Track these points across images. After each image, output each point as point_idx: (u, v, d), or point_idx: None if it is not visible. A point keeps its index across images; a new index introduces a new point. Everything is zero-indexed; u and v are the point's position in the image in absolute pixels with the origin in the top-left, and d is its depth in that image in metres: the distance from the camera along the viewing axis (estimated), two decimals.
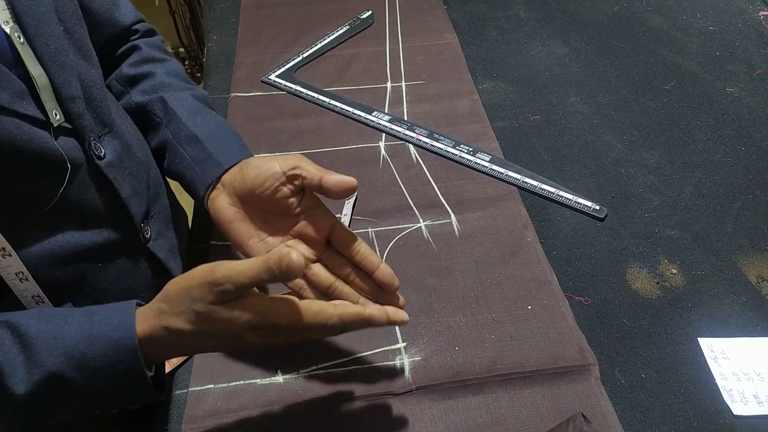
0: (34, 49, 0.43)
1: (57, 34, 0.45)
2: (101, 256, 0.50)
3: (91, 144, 0.48)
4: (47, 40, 0.44)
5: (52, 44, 0.45)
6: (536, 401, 0.52)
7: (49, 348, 0.39)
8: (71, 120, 0.46)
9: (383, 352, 0.56)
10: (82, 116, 0.47)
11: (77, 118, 0.46)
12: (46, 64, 0.44)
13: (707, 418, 0.52)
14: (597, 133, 0.79)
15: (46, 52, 0.44)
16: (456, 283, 0.61)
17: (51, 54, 0.45)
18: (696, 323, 0.59)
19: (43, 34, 0.44)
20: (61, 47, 0.46)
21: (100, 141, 0.49)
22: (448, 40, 0.95)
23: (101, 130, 0.50)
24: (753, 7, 1.01)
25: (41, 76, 0.44)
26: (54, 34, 0.45)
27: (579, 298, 0.61)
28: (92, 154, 0.48)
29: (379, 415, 0.52)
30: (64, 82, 0.45)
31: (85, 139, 0.47)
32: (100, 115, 0.50)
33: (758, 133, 0.79)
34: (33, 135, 0.42)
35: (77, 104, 0.46)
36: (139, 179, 0.54)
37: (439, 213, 0.68)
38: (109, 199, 0.50)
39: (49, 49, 0.44)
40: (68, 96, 0.46)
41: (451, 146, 0.76)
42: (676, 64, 0.90)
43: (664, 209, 0.69)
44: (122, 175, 0.51)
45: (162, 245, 0.57)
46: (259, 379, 0.54)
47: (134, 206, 0.52)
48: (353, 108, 0.82)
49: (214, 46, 0.96)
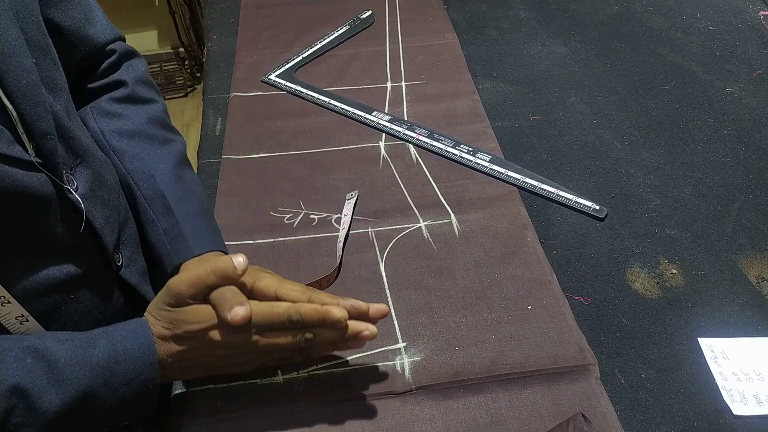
0: (4, 86, 0.42)
1: (28, 68, 0.43)
2: (74, 288, 0.50)
3: (64, 178, 0.47)
4: (18, 75, 0.42)
5: (23, 79, 0.43)
6: (536, 401, 0.52)
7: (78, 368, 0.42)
8: (43, 156, 0.44)
9: (383, 352, 0.56)
10: (55, 152, 0.45)
11: (50, 154, 0.45)
12: (17, 101, 0.42)
13: (707, 418, 0.52)
14: (597, 133, 0.79)
15: (17, 88, 0.42)
16: (456, 283, 0.61)
17: (22, 90, 0.43)
18: (696, 323, 0.59)
19: (14, 68, 0.42)
20: (32, 82, 0.43)
21: (72, 173, 0.48)
22: (448, 40, 0.95)
23: (73, 162, 0.49)
24: (753, 7, 1.01)
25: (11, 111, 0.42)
26: (25, 68, 0.43)
27: (579, 298, 0.61)
28: (65, 188, 0.47)
29: (379, 415, 0.52)
30: (36, 119, 0.44)
31: (57, 174, 0.46)
32: (71, 146, 0.49)
33: (758, 133, 0.79)
34: (4, 172, 0.41)
35: (49, 141, 0.45)
36: (110, 206, 0.53)
37: (439, 213, 0.68)
38: (80, 230, 0.49)
39: (20, 85, 0.42)
40: (40, 132, 0.44)
41: (451, 146, 0.76)
42: (676, 64, 0.90)
43: (664, 209, 0.69)
44: (95, 206, 0.50)
45: (134, 271, 0.56)
46: (259, 379, 0.54)
47: (107, 235, 0.51)
48: (353, 108, 0.82)
49: (214, 46, 0.96)
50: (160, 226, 0.55)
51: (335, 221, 0.68)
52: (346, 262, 0.63)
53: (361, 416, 0.52)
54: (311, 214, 0.68)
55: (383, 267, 0.63)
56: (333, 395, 0.53)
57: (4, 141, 0.41)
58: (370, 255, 0.64)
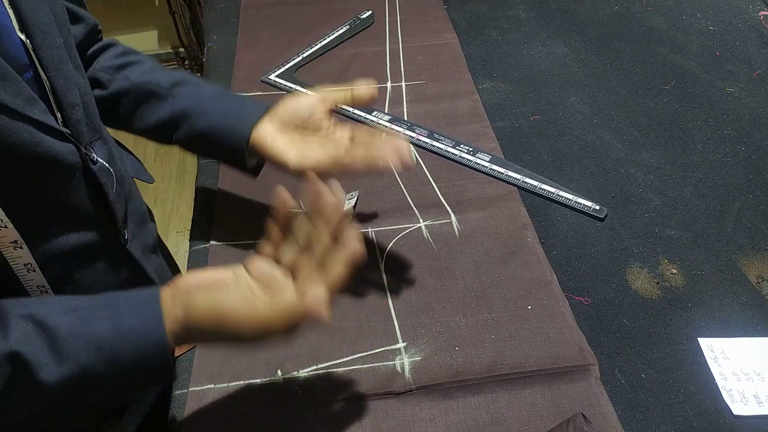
0: (40, 59, 0.45)
1: (58, 45, 0.47)
2: (86, 256, 0.52)
3: (87, 149, 0.50)
4: (51, 51, 0.46)
5: (56, 54, 0.46)
6: (536, 401, 0.52)
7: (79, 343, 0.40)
8: (70, 126, 0.48)
9: (383, 352, 0.56)
10: (80, 123, 0.49)
11: (76, 125, 0.48)
12: (50, 74, 0.46)
13: (707, 418, 0.52)
14: (597, 133, 0.79)
15: (51, 62, 0.46)
16: (456, 283, 0.61)
17: (55, 64, 0.46)
18: (696, 323, 0.59)
19: (48, 45, 0.46)
20: (63, 57, 0.47)
21: (92, 147, 0.51)
22: (448, 40, 0.95)
23: (93, 136, 0.52)
24: (753, 7, 1.01)
25: (46, 83, 0.46)
26: (56, 45, 0.47)
27: (579, 298, 0.61)
28: (89, 159, 0.50)
29: (379, 415, 0.52)
30: (66, 91, 0.47)
31: (82, 145, 0.49)
32: (92, 122, 0.52)
33: (758, 133, 0.79)
34: (40, 139, 0.44)
35: (77, 111, 0.48)
36: (121, 183, 0.56)
37: (439, 213, 0.68)
38: (98, 202, 0.52)
39: (53, 59, 0.46)
40: (69, 104, 0.47)
41: (451, 146, 0.76)
42: (676, 64, 0.90)
43: (664, 209, 0.69)
44: (110, 179, 0.53)
45: (137, 245, 0.59)
46: (259, 379, 0.54)
47: (117, 209, 0.54)
48: (353, 108, 0.82)
49: (214, 46, 0.96)
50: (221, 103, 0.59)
51: None
52: None
53: (361, 416, 0.52)
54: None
55: (383, 267, 0.63)
56: (333, 395, 0.53)
57: (40, 110, 0.44)
58: (370, 255, 0.64)
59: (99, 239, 0.53)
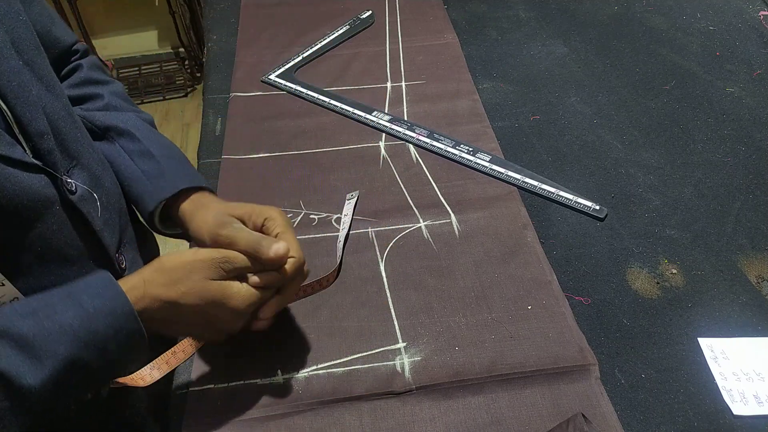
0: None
1: (17, 68, 0.44)
2: None
3: (63, 180, 0.47)
4: (9, 76, 0.43)
5: (14, 80, 0.43)
6: (536, 401, 0.52)
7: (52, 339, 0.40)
8: (41, 157, 0.45)
9: (383, 352, 0.56)
10: (52, 152, 0.46)
11: (47, 155, 0.45)
12: (11, 102, 0.43)
13: (707, 418, 0.52)
14: (597, 133, 0.79)
15: (9, 90, 0.43)
16: (456, 283, 0.61)
17: (14, 90, 0.43)
18: (696, 323, 0.59)
19: (4, 70, 0.43)
20: (23, 82, 0.44)
21: (69, 175, 0.48)
22: (448, 40, 0.95)
23: (69, 164, 0.49)
24: (753, 7, 1.01)
25: (6, 112, 0.42)
26: (14, 69, 0.44)
27: (579, 298, 0.61)
28: (64, 190, 0.47)
29: (379, 415, 0.52)
30: (31, 119, 0.44)
31: (57, 175, 0.46)
32: (67, 148, 0.49)
33: (758, 133, 0.79)
34: (9, 174, 0.41)
35: (46, 140, 0.45)
36: (110, 209, 0.54)
37: (439, 213, 0.68)
38: (84, 232, 0.50)
39: (11, 86, 0.43)
40: (36, 133, 0.44)
41: (451, 146, 0.76)
42: (676, 64, 0.90)
43: (664, 209, 0.69)
44: (93, 208, 0.50)
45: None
46: (259, 379, 0.54)
47: (107, 237, 0.52)
48: (353, 108, 0.82)
49: (214, 46, 0.96)
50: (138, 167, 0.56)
51: (335, 221, 0.68)
52: (346, 262, 0.63)
53: (361, 416, 0.52)
54: (311, 214, 0.69)
55: (383, 267, 0.63)
56: (333, 395, 0.53)
57: (4, 143, 0.41)
58: (370, 255, 0.64)
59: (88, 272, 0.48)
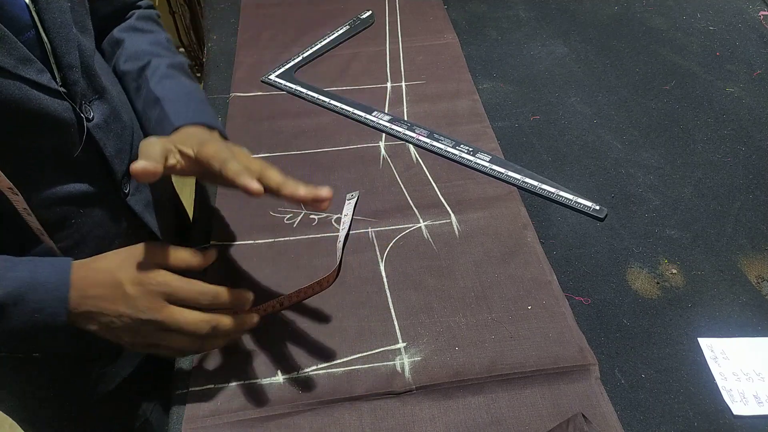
0: (43, 21, 0.49)
1: (63, 8, 0.51)
2: (84, 204, 0.56)
3: (82, 107, 0.53)
4: (55, 14, 0.50)
5: (59, 17, 0.50)
6: (536, 401, 0.52)
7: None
8: (67, 86, 0.51)
9: (383, 352, 0.56)
10: (77, 83, 0.52)
11: (73, 85, 0.52)
12: (52, 35, 0.50)
13: (707, 418, 0.52)
14: (597, 133, 0.79)
15: (53, 24, 0.50)
16: (456, 283, 0.61)
17: (57, 26, 0.50)
18: (696, 323, 0.59)
19: (52, 8, 0.50)
20: (66, 21, 0.51)
21: (90, 105, 0.55)
22: (448, 40, 0.95)
23: (92, 96, 0.55)
24: (753, 7, 1.01)
25: (47, 44, 0.50)
26: (61, 9, 0.51)
27: (579, 298, 0.61)
28: (83, 117, 0.53)
29: (379, 415, 0.52)
30: (65, 52, 0.51)
31: (77, 103, 0.52)
32: (92, 82, 0.55)
33: (758, 133, 0.79)
34: (33, 96, 0.48)
35: (74, 72, 0.52)
36: (123, 140, 0.60)
37: (439, 213, 0.68)
38: (95, 156, 0.56)
39: (56, 22, 0.50)
40: (67, 64, 0.51)
41: (451, 146, 0.76)
42: (676, 64, 0.90)
43: (664, 209, 0.69)
44: (107, 136, 0.57)
45: (139, 200, 0.62)
46: (259, 379, 0.54)
47: (116, 164, 0.58)
48: (353, 108, 0.82)
49: (214, 46, 0.96)
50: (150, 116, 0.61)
51: (335, 221, 0.68)
52: (346, 262, 0.63)
53: (361, 416, 0.52)
54: (311, 214, 0.69)
55: (383, 267, 0.63)
56: (333, 395, 0.53)
57: (35, 69, 0.48)
58: (370, 255, 0.64)
59: (96, 190, 0.57)
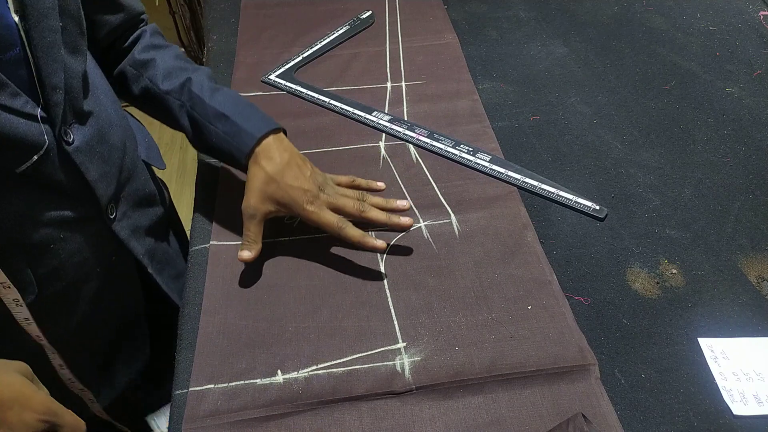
0: (30, 40, 0.48)
1: (54, 29, 0.50)
2: (65, 228, 0.55)
3: (61, 130, 0.52)
4: (45, 34, 0.49)
5: (48, 38, 0.49)
6: (536, 401, 0.52)
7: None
8: (48, 108, 0.50)
9: (383, 352, 0.56)
10: (59, 105, 0.51)
11: (54, 107, 0.51)
12: (38, 54, 0.48)
13: (707, 418, 0.52)
14: (597, 133, 0.79)
15: (41, 45, 0.48)
16: (456, 283, 0.61)
17: (45, 46, 0.49)
18: (696, 323, 0.59)
19: (42, 28, 0.48)
20: (55, 41, 0.50)
21: (70, 128, 0.53)
22: (448, 40, 0.95)
23: (72, 119, 0.54)
24: (753, 7, 1.02)
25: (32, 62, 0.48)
26: (51, 29, 0.49)
27: (579, 298, 0.61)
28: (62, 140, 0.52)
29: (379, 415, 0.52)
30: (50, 73, 0.49)
31: (57, 126, 0.51)
32: (74, 104, 0.54)
33: (758, 133, 0.79)
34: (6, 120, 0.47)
35: (57, 94, 0.51)
36: (110, 163, 0.58)
37: (439, 213, 0.68)
38: (76, 179, 0.54)
39: (44, 42, 0.49)
40: (51, 86, 0.50)
41: (451, 146, 0.76)
42: (676, 64, 0.90)
43: (664, 209, 0.69)
44: (90, 159, 0.55)
45: (125, 226, 0.62)
46: (259, 379, 0.54)
47: (101, 188, 0.57)
48: (353, 108, 0.82)
49: (214, 46, 0.96)
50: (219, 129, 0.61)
51: None
52: (347, 262, 0.63)
53: (361, 416, 0.52)
54: None
55: (383, 267, 0.63)
56: (333, 395, 0.53)
57: (7, 93, 0.47)
58: (370, 255, 0.64)
59: (77, 215, 0.55)
